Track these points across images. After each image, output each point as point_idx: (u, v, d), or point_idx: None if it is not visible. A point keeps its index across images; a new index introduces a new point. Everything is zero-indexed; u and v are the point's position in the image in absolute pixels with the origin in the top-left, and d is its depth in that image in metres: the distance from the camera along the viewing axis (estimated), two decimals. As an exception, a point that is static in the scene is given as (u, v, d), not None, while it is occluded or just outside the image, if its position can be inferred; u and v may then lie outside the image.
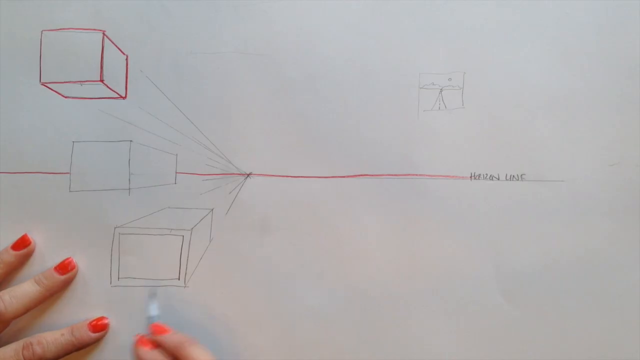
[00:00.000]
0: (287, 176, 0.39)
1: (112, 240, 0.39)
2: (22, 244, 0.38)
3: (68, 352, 0.37)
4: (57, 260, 0.38)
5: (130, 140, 0.39)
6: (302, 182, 0.39)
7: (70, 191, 0.39)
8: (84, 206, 0.39)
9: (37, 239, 0.39)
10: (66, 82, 0.39)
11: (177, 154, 0.39)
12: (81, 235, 0.39)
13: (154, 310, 0.38)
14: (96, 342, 0.38)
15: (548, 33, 0.39)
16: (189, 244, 0.39)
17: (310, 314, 0.39)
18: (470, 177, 0.39)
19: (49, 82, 0.39)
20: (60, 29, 0.39)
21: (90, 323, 0.38)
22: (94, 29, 0.39)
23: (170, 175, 0.39)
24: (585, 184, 0.39)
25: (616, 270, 0.38)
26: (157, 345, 0.36)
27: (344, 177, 0.39)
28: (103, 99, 0.39)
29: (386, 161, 0.39)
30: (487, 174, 0.39)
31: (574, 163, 0.39)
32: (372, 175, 0.39)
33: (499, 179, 0.39)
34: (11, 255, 0.38)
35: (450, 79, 0.39)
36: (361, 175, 0.39)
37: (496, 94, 0.39)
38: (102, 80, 0.39)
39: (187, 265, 0.39)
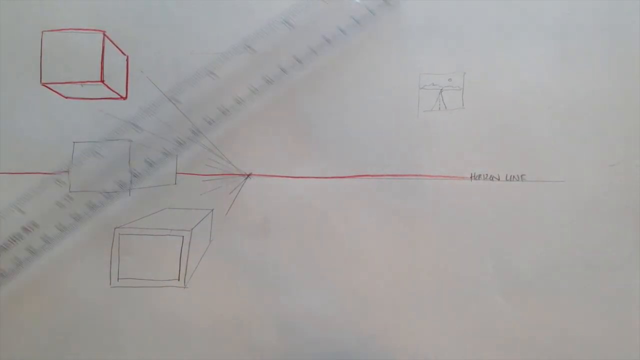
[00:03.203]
0: (287, 176, 0.39)
1: (112, 240, 0.39)
2: None
3: None
4: (57, 259, 0.38)
5: (130, 141, 0.39)
6: (302, 183, 0.39)
7: (70, 191, 0.39)
8: (84, 206, 0.39)
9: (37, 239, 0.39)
10: (66, 82, 0.39)
11: (177, 155, 0.39)
12: (81, 235, 0.39)
13: None
14: None
15: (548, 33, 0.39)
16: (189, 244, 0.39)
17: (310, 315, 0.39)
18: (470, 177, 0.39)
19: (50, 83, 0.39)
20: (61, 29, 0.39)
21: None
22: (94, 29, 0.39)
23: (171, 176, 0.39)
24: (586, 184, 0.39)
25: (616, 270, 0.38)
26: None
27: (344, 177, 0.39)
28: (103, 100, 0.39)
29: (386, 161, 0.39)
30: (487, 174, 0.39)
31: (574, 163, 0.39)
32: (372, 176, 0.39)
33: (499, 179, 0.39)
34: None
35: (450, 80, 0.39)
36: (361, 175, 0.39)
37: (496, 94, 0.39)
38: (102, 81, 0.39)
39: (187, 265, 0.39)
